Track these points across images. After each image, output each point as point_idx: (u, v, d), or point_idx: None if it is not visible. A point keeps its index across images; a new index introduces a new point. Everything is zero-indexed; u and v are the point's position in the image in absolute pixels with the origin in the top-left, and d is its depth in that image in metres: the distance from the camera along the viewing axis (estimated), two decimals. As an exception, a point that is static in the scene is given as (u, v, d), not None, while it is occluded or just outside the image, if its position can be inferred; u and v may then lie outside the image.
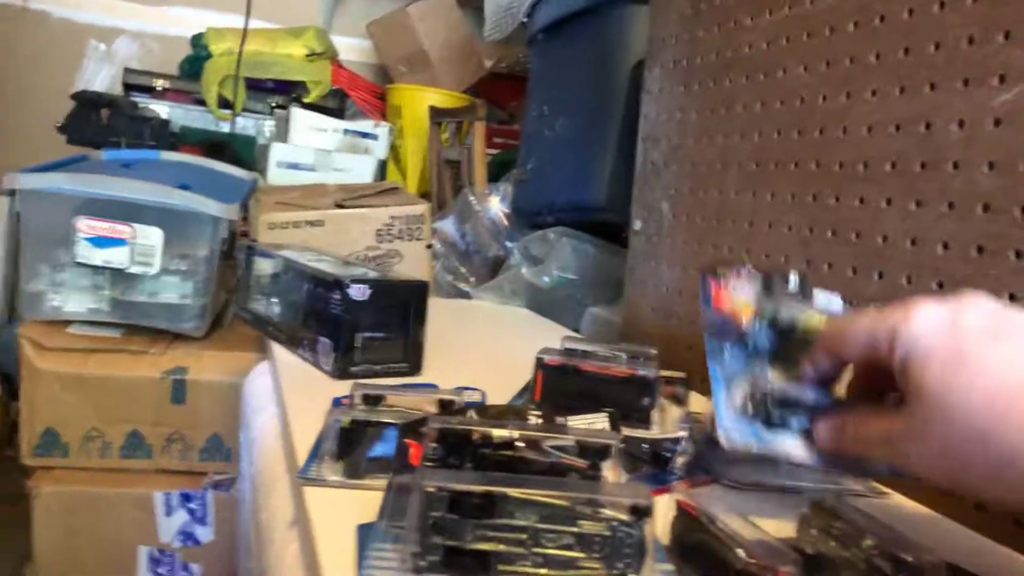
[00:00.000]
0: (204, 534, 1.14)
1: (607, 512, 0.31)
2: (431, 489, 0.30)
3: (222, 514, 1.13)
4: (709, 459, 0.52)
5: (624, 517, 0.31)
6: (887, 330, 0.36)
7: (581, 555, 0.31)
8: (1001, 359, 0.32)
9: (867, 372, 0.41)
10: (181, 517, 1.13)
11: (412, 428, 0.46)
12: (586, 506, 0.31)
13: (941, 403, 0.33)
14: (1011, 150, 0.52)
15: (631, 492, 0.34)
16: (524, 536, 0.31)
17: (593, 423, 0.50)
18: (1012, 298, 0.51)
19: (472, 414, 0.46)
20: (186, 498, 1.13)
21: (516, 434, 0.38)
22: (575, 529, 0.31)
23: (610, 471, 0.39)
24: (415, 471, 0.42)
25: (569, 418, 0.49)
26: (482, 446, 0.38)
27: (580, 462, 0.39)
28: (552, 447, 0.39)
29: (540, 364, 0.54)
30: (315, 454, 0.53)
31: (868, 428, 0.39)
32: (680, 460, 0.55)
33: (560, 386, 0.54)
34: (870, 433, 0.39)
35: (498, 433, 0.38)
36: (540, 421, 0.45)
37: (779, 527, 0.42)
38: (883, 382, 0.39)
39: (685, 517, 0.36)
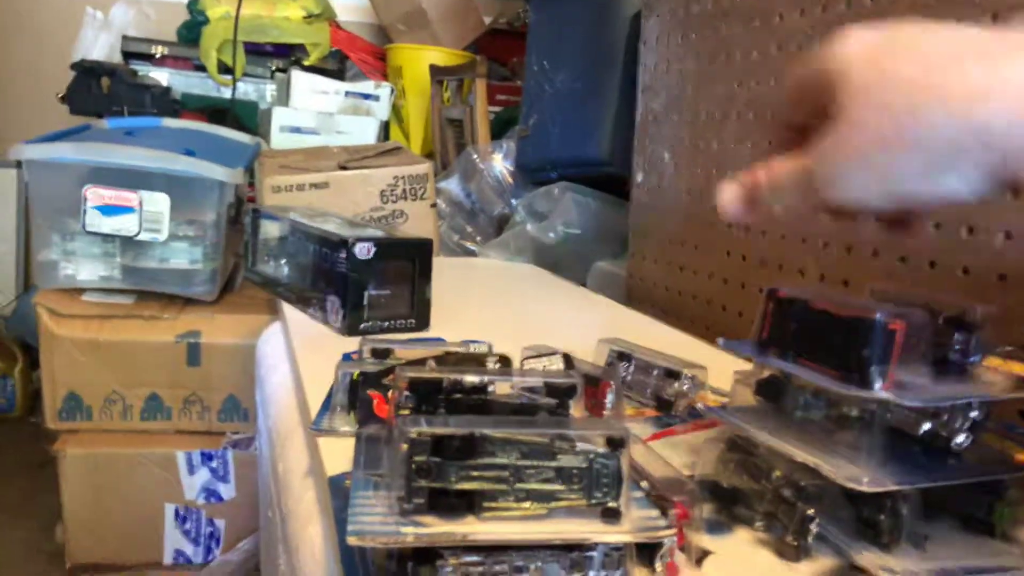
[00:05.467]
0: (226, 491, 1.17)
1: (584, 446, 0.33)
2: (414, 435, 0.31)
3: (242, 472, 1.17)
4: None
5: (600, 449, 0.33)
6: (822, 57, 0.34)
7: (561, 487, 0.32)
8: (932, 39, 0.31)
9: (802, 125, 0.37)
10: (203, 475, 1.16)
11: (373, 380, 0.48)
12: (563, 441, 0.33)
13: (875, 83, 0.31)
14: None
15: (606, 426, 0.35)
16: (506, 473, 0.32)
17: (548, 364, 0.51)
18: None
19: (431, 363, 0.47)
20: (207, 457, 1.16)
21: (486, 379, 0.40)
22: (554, 464, 0.33)
23: (576, 409, 0.41)
24: (381, 421, 0.43)
25: (526, 361, 0.50)
26: (452, 391, 0.39)
27: (548, 401, 0.40)
28: (522, 389, 0.41)
29: (771, 296, 0.45)
30: (327, 406, 0.55)
31: (784, 166, 0.35)
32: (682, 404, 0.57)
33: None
34: (787, 170, 0.35)
35: (469, 379, 0.39)
36: (499, 366, 0.46)
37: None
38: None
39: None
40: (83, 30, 2.23)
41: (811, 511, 0.39)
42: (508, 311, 0.93)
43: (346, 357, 0.64)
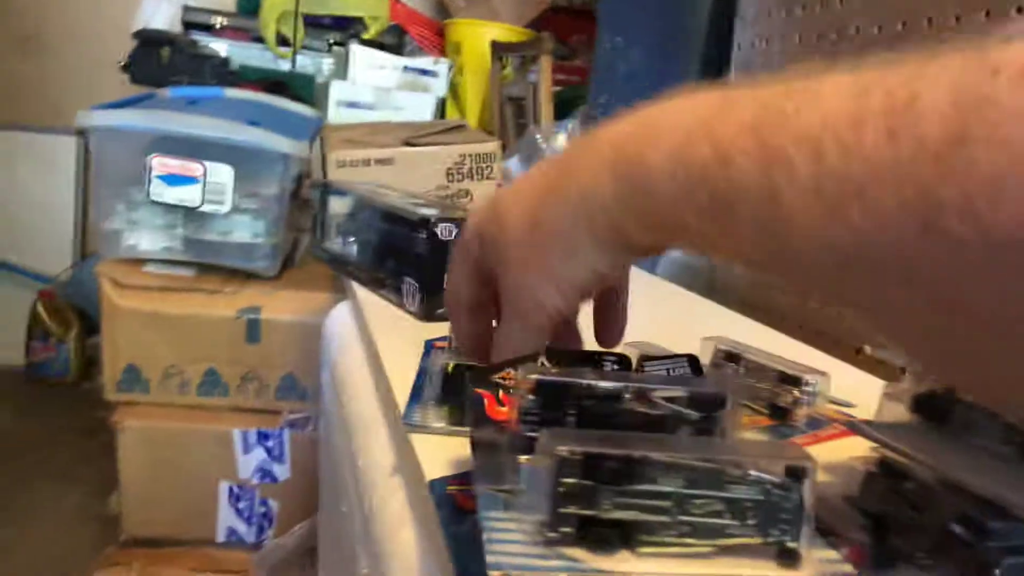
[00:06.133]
0: (281, 472, 1.15)
1: (758, 474, 0.28)
2: (564, 453, 0.27)
3: (298, 453, 1.15)
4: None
5: (777, 480, 0.28)
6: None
7: (732, 522, 0.28)
8: (513, 187, 0.35)
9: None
10: (259, 455, 1.14)
11: (481, 377, 0.43)
12: (735, 468, 0.28)
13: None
14: None
15: (785, 451, 0.30)
16: (668, 503, 0.28)
17: (675, 368, 0.46)
18: None
19: (544, 362, 0.42)
20: (263, 436, 1.14)
21: (625, 385, 0.35)
22: (725, 495, 0.28)
23: (729, 423, 0.36)
24: (496, 424, 0.39)
25: (645, 364, 0.45)
26: (583, 397, 0.35)
27: (691, 413, 0.35)
28: (663, 398, 0.36)
29: None
30: (416, 398, 0.51)
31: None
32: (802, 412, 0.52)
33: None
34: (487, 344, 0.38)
35: (605, 385, 0.34)
36: (616, 368, 0.41)
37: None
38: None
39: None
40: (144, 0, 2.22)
41: (996, 554, 0.34)
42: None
43: (428, 345, 0.60)
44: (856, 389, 0.54)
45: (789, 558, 0.28)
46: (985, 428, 0.38)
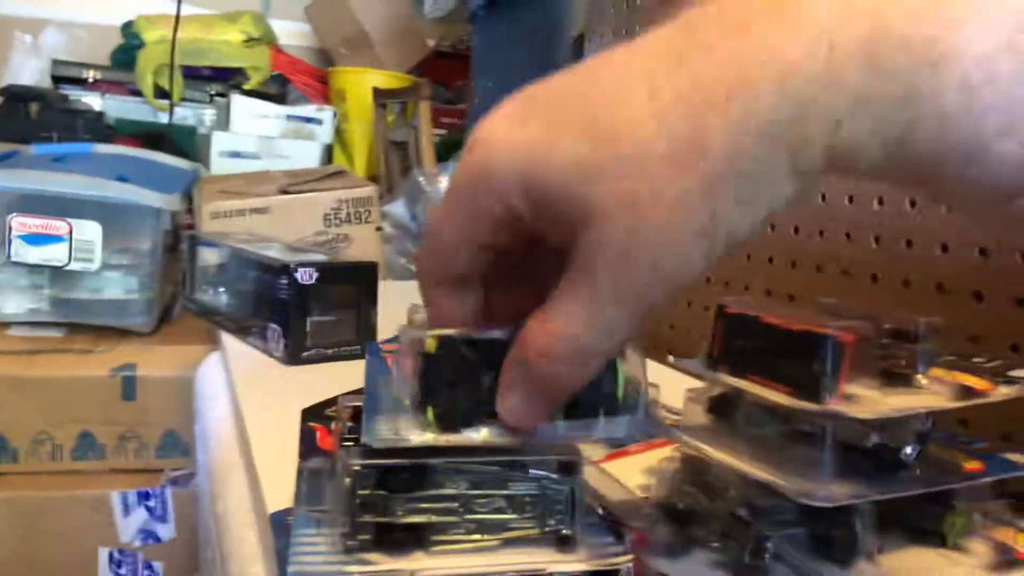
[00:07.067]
0: (165, 531, 1.12)
1: (536, 472, 0.32)
2: (357, 467, 0.30)
3: (182, 510, 1.12)
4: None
5: (553, 475, 0.32)
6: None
7: (514, 516, 0.31)
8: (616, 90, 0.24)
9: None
10: (140, 516, 1.11)
11: (315, 412, 0.45)
12: (515, 469, 0.31)
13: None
14: None
15: (559, 449, 0.34)
16: (456, 504, 0.31)
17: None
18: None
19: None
20: (144, 496, 1.11)
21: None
22: (506, 492, 0.31)
23: None
24: (324, 454, 0.41)
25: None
26: None
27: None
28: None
29: (721, 311, 0.41)
30: (374, 410, 0.34)
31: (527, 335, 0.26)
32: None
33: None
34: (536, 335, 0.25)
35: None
36: None
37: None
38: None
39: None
40: (12, 54, 2.15)
41: (766, 531, 0.38)
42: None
43: (373, 347, 0.48)
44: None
45: (566, 544, 0.31)
46: (765, 422, 0.43)
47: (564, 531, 0.31)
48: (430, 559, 0.30)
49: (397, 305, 0.90)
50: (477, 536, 0.31)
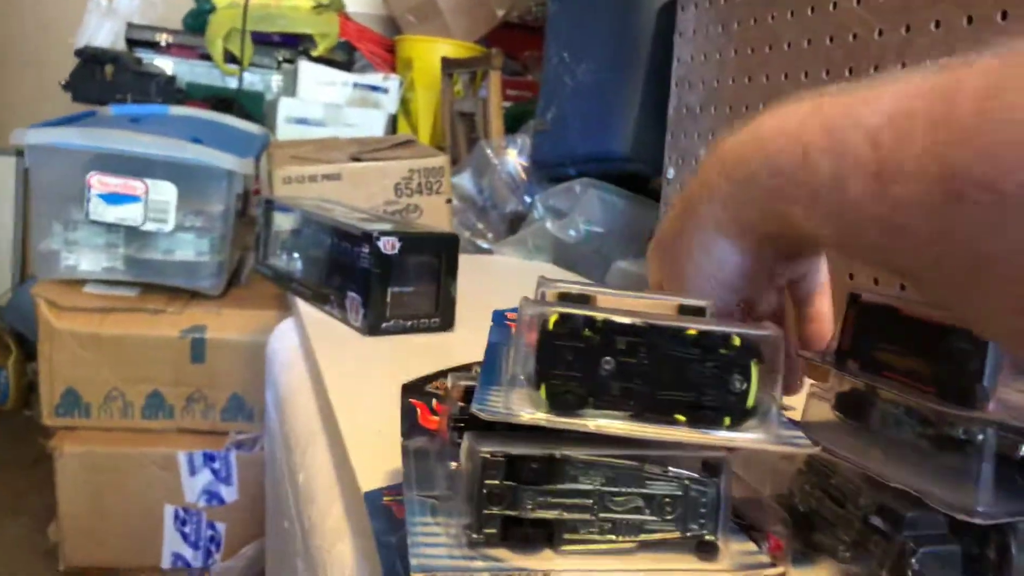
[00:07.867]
0: (228, 493, 1.13)
1: (676, 470, 0.29)
2: (486, 454, 0.27)
3: (246, 474, 1.12)
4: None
5: (695, 475, 0.29)
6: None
7: (652, 517, 0.28)
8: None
9: None
10: (205, 476, 1.12)
11: (416, 388, 0.42)
12: (655, 465, 0.29)
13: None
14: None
15: (704, 447, 0.31)
16: (590, 501, 0.28)
17: None
18: None
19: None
20: (209, 458, 1.12)
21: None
22: (644, 491, 0.28)
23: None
24: (428, 433, 0.38)
25: None
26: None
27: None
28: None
29: (853, 301, 0.40)
30: (489, 381, 0.31)
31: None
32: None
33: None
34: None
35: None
36: None
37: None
38: None
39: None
40: (87, 16, 2.18)
41: (912, 544, 0.35)
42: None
43: (499, 316, 0.44)
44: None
45: (708, 551, 0.28)
46: (903, 423, 0.39)
47: (707, 536, 0.28)
48: (561, 559, 0.27)
49: (467, 278, 0.88)
50: (612, 536, 0.28)
